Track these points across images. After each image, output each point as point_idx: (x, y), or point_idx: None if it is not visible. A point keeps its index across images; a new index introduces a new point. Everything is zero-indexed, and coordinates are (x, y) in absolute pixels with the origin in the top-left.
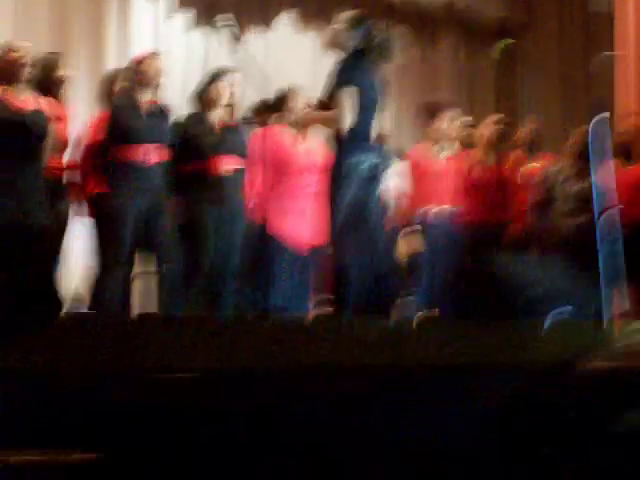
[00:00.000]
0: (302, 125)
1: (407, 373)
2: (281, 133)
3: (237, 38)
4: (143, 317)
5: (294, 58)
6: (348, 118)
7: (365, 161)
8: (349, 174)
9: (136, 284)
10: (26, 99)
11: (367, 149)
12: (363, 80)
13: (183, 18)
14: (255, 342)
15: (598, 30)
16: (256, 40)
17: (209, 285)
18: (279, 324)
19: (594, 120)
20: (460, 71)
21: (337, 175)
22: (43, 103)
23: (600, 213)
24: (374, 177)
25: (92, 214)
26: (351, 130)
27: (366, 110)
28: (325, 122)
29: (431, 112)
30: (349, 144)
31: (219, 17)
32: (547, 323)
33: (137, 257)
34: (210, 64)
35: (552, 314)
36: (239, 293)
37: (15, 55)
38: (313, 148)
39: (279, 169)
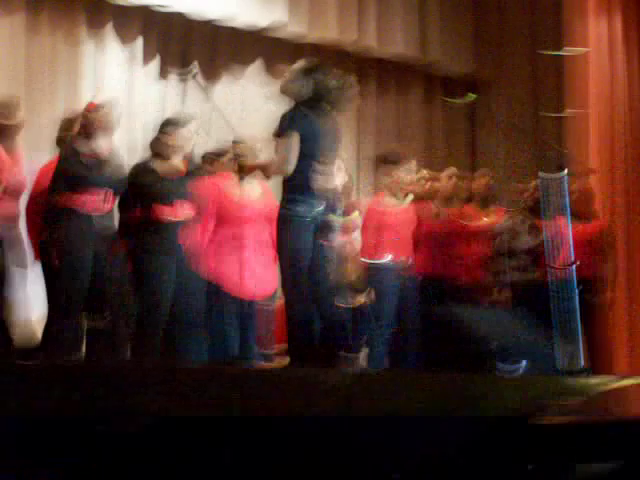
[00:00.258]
0: (244, 172)
1: (361, 422)
2: (223, 182)
3: (202, 87)
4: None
5: (263, 108)
6: (289, 166)
7: (308, 211)
8: (290, 224)
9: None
10: None
11: (309, 198)
12: (307, 129)
13: (158, 64)
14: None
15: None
16: (225, 89)
17: (166, 333)
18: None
19: (549, 176)
20: (430, 121)
21: (280, 224)
22: None
23: (552, 268)
24: (319, 227)
25: (41, 259)
26: (293, 179)
27: (309, 159)
28: (264, 169)
29: (387, 162)
30: (290, 194)
31: (181, 69)
32: (503, 374)
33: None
34: (186, 110)
35: (507, 367)
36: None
37: None
38: (256, 197)
39: (221, 218)
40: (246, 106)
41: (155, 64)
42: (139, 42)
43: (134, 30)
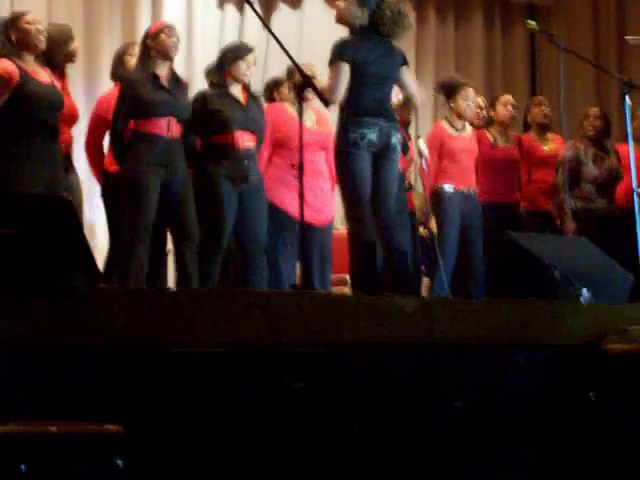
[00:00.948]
0: (302, 98)
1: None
2: (283, 109)
3: (259, 15)
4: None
5: (326, 36)
6: (340, 91)
7: (365, 135)
8: (351, 150)
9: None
10: (38, 71)
11: (366, 124)
12: (361, 56)
13: None
14: (287, 317)
15: (633, 9)
16: (283, 17)
17: (236, 259)
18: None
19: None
20: (493, 48)
21: (341, 152)
22: (52, 76)
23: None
24: (383, 155)
25: (107, 191)
26: (350, 105)
27: (365, 84)
28: (319, 95)
29: (446, 90)
30: (349, 119)
31: None
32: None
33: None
34: (244, 39)
35: (576, 294)
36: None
37: (29, 27)
38: (312, 124)
39: (280, 144)
40: (304, 35)
41: None
42: None
43: None
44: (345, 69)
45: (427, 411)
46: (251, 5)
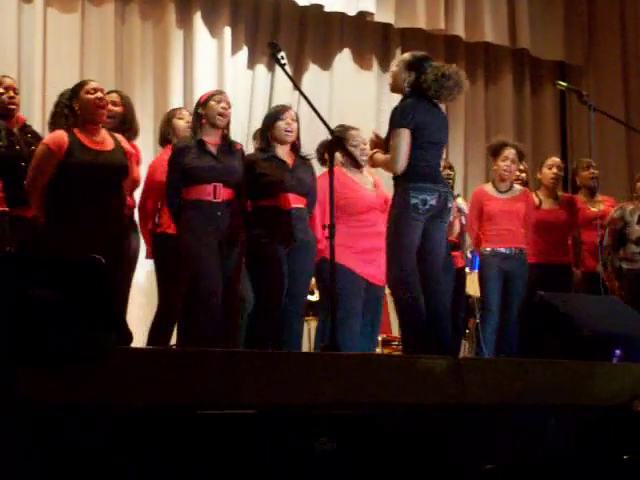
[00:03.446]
0: (369, 165)
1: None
2: (346, 173)
3: (290, 76)
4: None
5: (356, 96)
6: (404, 159)
7: (427, 201)
8: (411, 215)
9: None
10: (105, 140)
11: (428, 190)
12: (420, 120)
13: (246, 54)
14: (323, 377)
15: None
16: (313, 78)
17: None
18: (350, 360)
19: None
20: (523, 107)
21: (399, 216)
22: (120, 140)
23: None
24: (437, 216)
25: (155, 254)
26: (410, 170)
27: (424, 149)
28: (386, 164)
29: (490, 152)
30: (409, 184)
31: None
32: (612, 362)
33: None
34: (274, 100)
35: (608, 355)
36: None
37: (92, 97)
38: (370, 188)
39: (346, 209)
40: (334, 95)
41: (243, 54)
42: (227, 32)
43: (222, 20)
44: (407, 135)
45: (458, 473)
46: (282, 66)
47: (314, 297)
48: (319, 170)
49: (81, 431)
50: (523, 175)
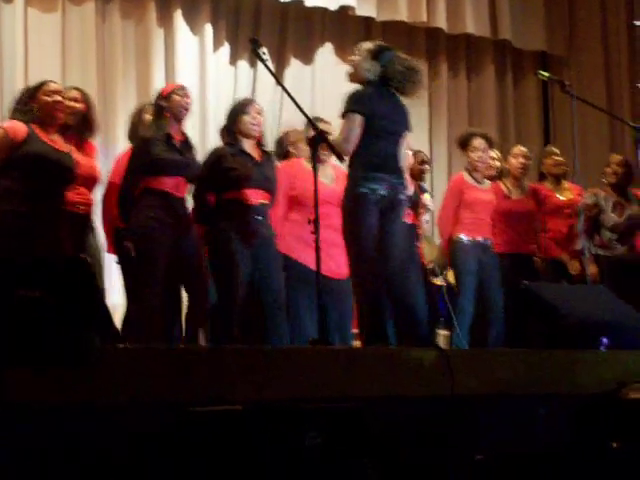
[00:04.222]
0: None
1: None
2: (300, 165)
3: (271, 71)
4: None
5: (339, 90)
6: (354, 140)
7: (376, 190)
8: (360, 204)
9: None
10: (59, 142)
11: (378, 179)
12: (375, 108)
13: (228, 50)
14: (304, 372)
15: None
16: (295, 73)
17: (250, 315)
18: (325, 354)
19: None
20: (506, 98)
21: (350, 206)
22: (72, 150)
23: None
24: (390, 209)
25: (118, 250)
26: (362, 159)
27: (377, 139)
28: (337, 145)
29: (460, 144)
30: (359, 173)
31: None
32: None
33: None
34: (257, 96)
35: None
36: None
37: (49, 99)
38: (330, 181)
39: (301, 200)
40: (316, 89)
41: (225, 51)
42: (208, 29)
43: (203, 17)
44: (358, 120)
45: (447, 465)
46: (263, 62)
47: None
48: None
49: (65, 431)
50: (497, 163)
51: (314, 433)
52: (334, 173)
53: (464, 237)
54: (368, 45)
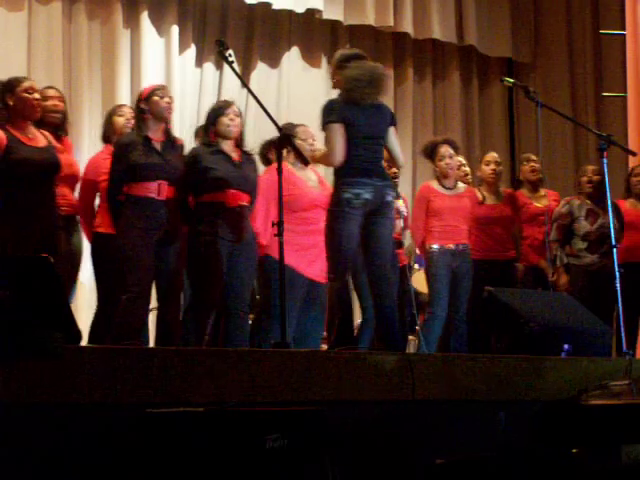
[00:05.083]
0: (304, 160)
1: (423, 406)
2: (290, 170)
3: (238, 74)
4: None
5: (305, 94)
6: (341, 151)
7: (360, 195)
8: (344, 210)
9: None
10: (34, 136)
11: (361, 184)
12: (348, 115)
13: (194, 52)
14: (266, 375)
15: (609, 66)
16: (261, 76)
17: (222, 317)
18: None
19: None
20: (471, 104)
21: (334, 212)
22: (48, 136)
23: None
24: (377, 212)
25: (96, 252)
26: (344, 166)
27: (357, 144)
28: (324, 158)
29: (426, 154)
30: (342, 179)
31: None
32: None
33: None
34: (223, 98)
35: (557, 349)
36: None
37: (30, 96)
38: (314, 185)
39: (289, 205)
40: (282, 92)
41: (191, 52)
42: (175, 31)
43: (170, 19)
44: (337, 129)
45: (408, 469)
46: (229, 64)
47: None
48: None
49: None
50: (465, 169)
51: (276, 435)
52: (317, 177)
53: (435, 246)
54: (336, 54)
